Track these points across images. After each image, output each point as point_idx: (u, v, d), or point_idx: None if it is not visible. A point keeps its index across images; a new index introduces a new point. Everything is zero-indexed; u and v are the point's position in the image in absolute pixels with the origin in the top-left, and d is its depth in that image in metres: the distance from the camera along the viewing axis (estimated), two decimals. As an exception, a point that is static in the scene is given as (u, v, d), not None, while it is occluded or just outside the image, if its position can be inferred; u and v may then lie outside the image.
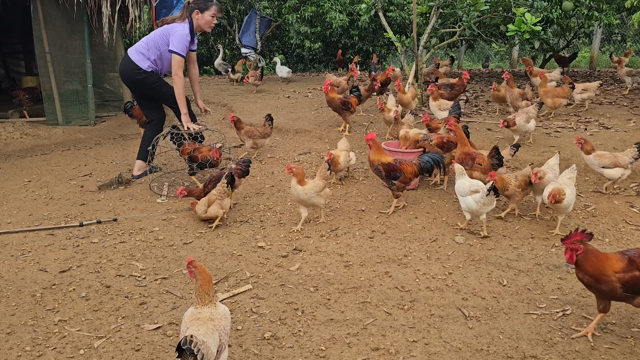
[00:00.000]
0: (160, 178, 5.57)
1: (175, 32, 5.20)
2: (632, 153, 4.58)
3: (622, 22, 12.19)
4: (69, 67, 8.26)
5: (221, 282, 3.48)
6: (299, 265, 3.70)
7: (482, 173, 4.44)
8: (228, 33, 14.54)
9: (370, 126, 7.18)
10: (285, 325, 2.98)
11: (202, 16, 5.20)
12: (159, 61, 5.43)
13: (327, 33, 14.17)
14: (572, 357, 2.67)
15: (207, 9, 5.17)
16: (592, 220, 4.37)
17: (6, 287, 3.43)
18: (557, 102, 6.77)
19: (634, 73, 8.34)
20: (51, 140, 7.85)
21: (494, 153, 4.50)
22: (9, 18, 9.40)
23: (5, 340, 2.87)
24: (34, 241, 4.17)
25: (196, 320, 2.30)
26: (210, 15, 5.21)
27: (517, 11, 6.51)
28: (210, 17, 5.22)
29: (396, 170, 4.40)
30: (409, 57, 8.84)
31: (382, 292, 3.32)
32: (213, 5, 5.17)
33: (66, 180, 5.78)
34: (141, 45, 5.40)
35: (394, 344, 2.79)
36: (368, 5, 8.70)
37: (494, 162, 4.50)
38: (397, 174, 4.40)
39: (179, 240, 4.15)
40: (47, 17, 7.91)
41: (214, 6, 5.18)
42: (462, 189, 4.11)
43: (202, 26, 5.29)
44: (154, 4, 8.46)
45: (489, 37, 9.04)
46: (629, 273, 2.63)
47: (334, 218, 4.53)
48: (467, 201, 4.06)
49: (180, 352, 2.08)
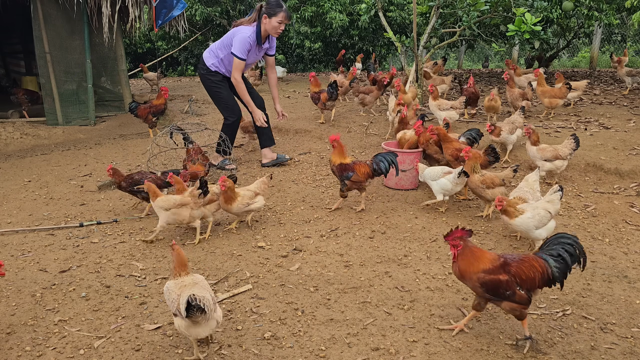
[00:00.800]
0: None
1: (237, 35, 5.26)
2: (570, 145, 4.77)
3: (622, 22, 12.19)
4: (69, 67, 8.26)
5: (221, 282, 3.48)
6: (299, 265, 3.70)
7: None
8: (228, 33, 14.56)
9: (370, 126, 7.18)
10: (285, 325, 2.98)
11: (269, 21, 5.20)
12: (225, 61, 5.46)
13: (327, 33, 14.17)
14: (572, 357, 2.67)
15: (275, 15, 5.17)
16: (592, 220, 4.37)
17: (6, 287, 3.43)
18: (553, 102, 6.77)
19: (634, 73, 8.34)
20: (51, 140, 7.85)
21: (490, 151, 4.64)
22: (9, 18, 9.40)
23: (5, 340, 2.87)
24: (34, 241, 4.17)
25: (184, 286, 2.59)
26: (277, 22, 5.19)
27: (517, 11, 6.51)
28: (277, 23, 5.20)
29: (348, 169, 4.48)
30: (409, 57, 8.84)
31: (382, 292, 3.32)
32: (282, 12, 5.16)
33: (66, 180, 5.78)
34: (216, 43, 5.52)
35: (394, 344, 2.79)
36: (368, 5, 8.71)
37: (490, 159, 4.61)
38: (349, 173, 4.47)
39: (179, 240, 4.15)
40: (47, 17, 7.91)
41: (282, 13, 5.16)
42: (434, 173, 4.47)
43: (268, 31, 5.29)
44: (154, 4, 8.44)
45: (489, 37, 9.04)
46: (491, 275, 2.61)
47: (334, 218, 4.53)
48: (441, 183, 4.41)
49: (188, 309, 2.39)
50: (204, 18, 13.75)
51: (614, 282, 3.40)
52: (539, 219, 3.55)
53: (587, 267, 3.55)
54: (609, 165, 5.12)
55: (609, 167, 5.09)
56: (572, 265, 2.65)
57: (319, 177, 5.59)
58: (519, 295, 2.61)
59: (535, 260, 2.65)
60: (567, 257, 2.63)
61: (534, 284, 2.62)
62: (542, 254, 2.69)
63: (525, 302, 2.63)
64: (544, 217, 3.57)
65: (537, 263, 2.64)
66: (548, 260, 2.64)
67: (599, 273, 3.52)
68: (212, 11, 13.53)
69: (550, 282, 2.65)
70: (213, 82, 5.56)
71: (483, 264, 2.65)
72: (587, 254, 2.75)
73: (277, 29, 5.26)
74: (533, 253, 2.78)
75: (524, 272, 2.62)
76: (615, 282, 3.41)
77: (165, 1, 8.54)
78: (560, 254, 2.63)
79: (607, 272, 3.53)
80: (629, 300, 3.18)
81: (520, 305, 2.64)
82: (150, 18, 8.87)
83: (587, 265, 2.75)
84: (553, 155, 4.77)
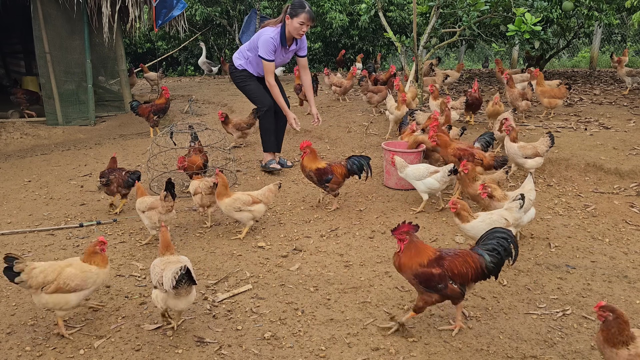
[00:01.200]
0: (160, 178, 5.57)
1: (261, 37, 5.22)
2: (546, 142, 4.82)
3: (622, 22, 12.18)
4: (69, 67, 8.26)
5: (221, 282, 3.48)
6: (299, 265, 3.70)
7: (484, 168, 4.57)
8: (228, 33, 14.54)
9: (370, 126, 7.18)
10: (285, 325, 2.98)
11: (292, 22, 5.11)
12: (253, 62, 5.45)
13: (327, 33, 14.17)
14: (572, 357, 2.67)
15: (297, 16, 5.06)
16: (592, 220, 4.37)
17: (6, 287, 3.43)
18: (553, 102, 6.78)
19: (634, 73, 8.33)
20: (51, 140, 7.85)
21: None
22: (9, 18, 9.40)
23: (5, 340, 2.87)
24: (34, 241, 4.17)
25: (168, 263, 2.83)
26: (299, 23, 5.08)
27: (517, 11, 6.51)
28: (299, 25, 5.09)
29: (327, 172, 4.52)
30: (409, 57, 8.84)
31: (382, 292, 3.32)
32: (304, 13, 5.04)
33: (66, 180, 5.78)
34: (245, 45, 5.53)
35: (394, 344, 2.79)
36: (368, 5, 8.70)
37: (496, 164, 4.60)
38: (329, 177, 4.51)
39: (179, 240, 4.15)
40: (47, 17, 7.91)
41: (304, 14, 5.04)
42: (419, 173, 4.47)
43: (291, 32, 5.20)
44: (154, 4, 8.44)
45: (489, 37, 9.04)
46: (424, 269, 2.68)
47: (334, 218, 4.53)
48: (427, 182, 4.42)
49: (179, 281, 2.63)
50: (204, 18, 13.75)
51: (614, 282, 3.40)
52: (490, 224, 3.35)
53: (586, 267, 3.57)
54: (609, 165, 5.12)
55: (609, 167, 5.09)
56: (506, 259, 2.75)
57: (319, 177, 5.59)
58: (451, 289, 2.69)
59: (469, 255, 2.72)
60: (501, 251, 2.71)
61: (466, 278, 2.70)
62: (478, 249, 2.76)
63: (458, 296, 2.72)
64: (497, 223, 3.39)
65: (471, 258, 2.71)
66: (483, 255, 2.72)
67: (599, 273, 3.53)
68: (212, 11, 13.53)
69: (485, 275, 2.73)
70: (240, 77, 5.60)
71: (422, 258, 2.71)
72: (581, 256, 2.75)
73: (298, 30, 5.14)
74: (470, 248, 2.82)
75: (457, 267, 2.69)
76: (615, 282, 3.41)
77: (165, 1, 8.54)
78: (495, 248, 2.71)
79: (607, 272, 3.53)
80: (629, 300, 3.18)
81: (456, 299, 2.75)
82: (150, 18, 8.87)
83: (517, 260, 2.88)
84: (533, 153, 4.79)
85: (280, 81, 5.82)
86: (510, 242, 2.74)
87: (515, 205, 3.53)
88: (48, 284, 2.78)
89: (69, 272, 2.83)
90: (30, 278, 2.79)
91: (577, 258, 3.75)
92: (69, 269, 2.85)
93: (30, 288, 2.82)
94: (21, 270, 2.79)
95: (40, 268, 2.83)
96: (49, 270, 2.82)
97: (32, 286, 2.80)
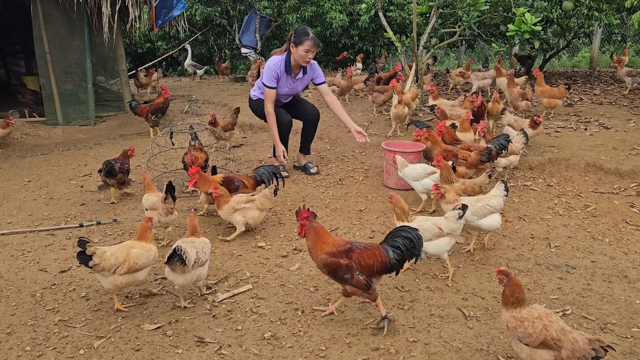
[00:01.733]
0: (160, 178, 5.57)
1: (266, 64, 5.28)
2: (521, 139, 4.93)
3: (622, 22, 12.17)
4: (69, 67, 8.25)
5: (221, 282, 3.48)
6: (299, 265, 3.70)
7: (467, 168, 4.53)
8: (228, 33, 14.55)
9: (370, 126, 7.18)
10: (285, 325, 2.98)
11: (297, 50, 5.13)
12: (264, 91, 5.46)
13: (327, 33, 14.17)
14: (572, 357, 2.67)
15: (301, 44, 5.08)
16: (592, 220, 4.37)
17: (6, 287, 3.43)
18: (552, 103, 6.78)
19: (634, 73, 8.34)
20: (51, 140, 7.85)
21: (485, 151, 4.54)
22: (9, 18, 9.40)
23: (5, 340, 2.87)
24: (34, 241, 4.17)
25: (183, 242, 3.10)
26: (304, 50, 5.09)
27: (517, 11, 6.51)
28: (304, 52, 5.10)
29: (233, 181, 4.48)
30: (409, 57, 8.84)
31: (382, 292, 3.32)
32: (307, 40, 5.06)
33: (66, 180, 5.78)
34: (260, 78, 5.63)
35: (394, 344, 2.79)
36: (368, 5, 8.71)
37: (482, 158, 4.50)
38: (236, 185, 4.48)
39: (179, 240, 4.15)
40: (47, 17, 7.91)
41: (308, 41, 5.06)
42: (416, 173, 4.45)
43: (297, 60, 5.21)
44: (154, 4, 8.44)
45: (489, 37, 9.04)
46: (332, 258, 2.82)
47: (334, 218, 4.53)
48: (424, 183, 4.39)
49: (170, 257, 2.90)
50: (204, 18, 13.75)
51: (614, 282, 3.40)
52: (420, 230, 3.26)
53: (586, 267, 3.57)
54: (609, 165, 5.12)
55: (609, 167, 5.09)
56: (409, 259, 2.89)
57: (318, 177, 5.59)
58: (357, 280, 2.80)
59: (377, 249, 2.85)
60: (404, 250, 2.85)
61: (372, 271, 2.82)
62: (385, 244, 2.89)
63: (363, 287, 2.82)
64: (427, 230, 3.32)
65: (378, 252, 2.84)
66: (388, 251, 2.85)
67: (599, 273, 3.53)
68: (212, 11, 13.54)
69: (389, 270, 2.86)
70: (256, 105, 5.70)
71: (328, 246, 2.86)
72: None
73: (304, 58, 5.16)
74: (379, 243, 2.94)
75: (364, 259, 2.82)
76: (615, 282, 3.41)
77: (165, 1, 8.54)
78: (400, 247, 2.85)
79: (607, 272, 3.53)
80: (629, 300, 3.18)
81: (360, 290, 2.84)
82: (150, 18, 8.87)
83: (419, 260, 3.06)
84: (509, 151, 4.80)
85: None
86: (415, 243, 2.86)
87: (454, 215, 3.37)
88: (119, 265, 2.98)
89: (135, 252, 3.06)
90: (102, 261, 2.95)
91: (577, 258, 3.76)
92: (134, 250, 3.07)
93: (102, 271, 2.97)
94: (93, 254, 2.93)
95: (110, 251, 3.02)
96: (118, 252, 3.02)
97: (104, 269, 2.96)
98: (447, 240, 3.40)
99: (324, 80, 5.59)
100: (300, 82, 5.49)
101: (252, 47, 12.34)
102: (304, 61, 5.21)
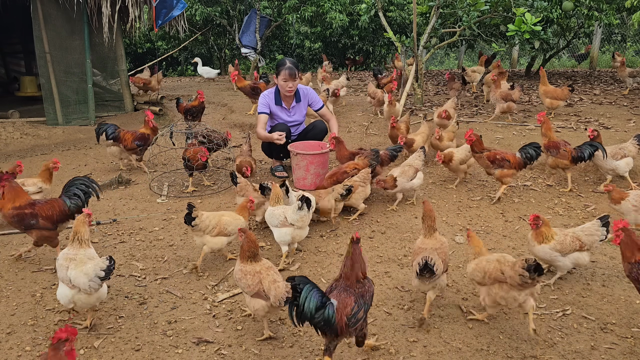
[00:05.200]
0: (160, 178, 5.57)
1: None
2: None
3: (622, 22, 12.17)
4: (69, 67, 8.24)
5: (221, 282, 3.48)
6: (299, 265, 3.70)
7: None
8: (228, 33, 14.55)
9: (370, 126, 7.19)
10: (285, 325, 2.98)
11: (277, 80, 5.36)
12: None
13: (327, 33, 14.17)
14: (572, 357, 2.68)
15: (279, 74, 5.31)
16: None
17: (6, 287, 3.43)
18: (554, 104, 6.79)
19: (635, 74, 8.34)
20: (51, 140, 7.84)
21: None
22: (9, 18, 9.39)
23: (5, 340, 2.87)
24: (34, 241, 4.17)
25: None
26: (282, 80, 5.30)
27: (517, 11, 6.51)
28: (283, 82, 5.31)
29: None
30: (409, 57, 8.84)
31: (382, 292, 3.32)
32: (283, 70, 5.27)
33: (66, 180, 5.76)
34: None
35: (394, 344, 2.79)
36: (368, 5, 8.71)
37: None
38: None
39: (179, 240, 4.15)
40: (47, 17, 7.90)
41: (283, 71, 5.27)
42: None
43: (281, 90, 5.41)
44: (154, 4, 8.44)
45: (489, 37, 9.04)
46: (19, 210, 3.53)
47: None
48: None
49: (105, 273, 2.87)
50: (204, 18, 13.74)
51: (614, 282, 3.40)
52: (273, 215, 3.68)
53: (586, 267, 3.57)
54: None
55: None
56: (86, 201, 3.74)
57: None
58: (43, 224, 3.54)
59: (56, 202, 3.65)
60: (80, 195, 3.71)
61: (53, 218, 3.58)
62: (63, 196, 3.70)
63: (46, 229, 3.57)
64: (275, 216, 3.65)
65: (57, 204, 3.63)
66: (65, 200, 3.66)
67: (599, 273, 3.53)
68: (212, 11, 13.53)
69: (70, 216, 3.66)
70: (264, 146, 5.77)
71: (17, 202, 3.54)
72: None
73: (284, 87, 5.35)
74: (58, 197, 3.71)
75: (44, 210, 3.56)
76: (615, 282, 3.41)
77: (165, 1, 8.54)
78: (76, 194, 3.71)
79: (607, 272, 3.53)
80: (629, 300, 3.18)
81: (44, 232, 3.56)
82: (150, 18, 8.86)
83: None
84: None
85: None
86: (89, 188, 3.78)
87: (294, 207, 3.63)
88: (213, 228, 3.50)
89: (225, 219, 3.56)
90: (201, 222, 3.47)
91: (577, 258, 3.75)
92: (224, 218, 3.57)
93: (199, 231, 3.50)
94: (196, 216, 3.43)
95: (206, 215, 3.53)
96: (212, 217, 3.54)
97: (201, 229, 3.49)
98: (289, 231, 3.61)
99: (322, 104, 5.71)
100: (296, 110, 5.60)
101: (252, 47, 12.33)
102: (285, 90, 5.38)
